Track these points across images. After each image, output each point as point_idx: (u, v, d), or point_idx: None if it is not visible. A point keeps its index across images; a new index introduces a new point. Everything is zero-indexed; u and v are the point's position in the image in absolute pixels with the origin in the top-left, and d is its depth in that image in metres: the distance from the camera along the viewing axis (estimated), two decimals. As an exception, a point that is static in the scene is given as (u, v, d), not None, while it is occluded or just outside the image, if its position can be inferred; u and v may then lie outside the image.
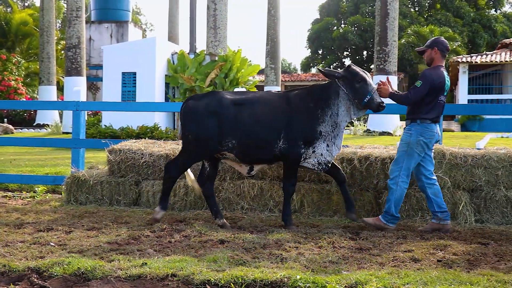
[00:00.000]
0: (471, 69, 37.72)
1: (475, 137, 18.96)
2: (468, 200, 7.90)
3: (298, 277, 4.94)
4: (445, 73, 7.33)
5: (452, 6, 54.65)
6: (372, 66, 37.49)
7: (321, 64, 60.82)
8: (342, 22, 59.33)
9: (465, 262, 5.67)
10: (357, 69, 7.45)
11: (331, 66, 59.75)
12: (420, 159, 7.31)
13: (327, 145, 7.45)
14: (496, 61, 37.04)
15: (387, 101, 7.46)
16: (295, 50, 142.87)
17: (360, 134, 24.23)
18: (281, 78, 35.34)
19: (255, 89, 24.68)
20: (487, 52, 41.05)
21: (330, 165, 7.58)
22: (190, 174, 7.91)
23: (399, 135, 23.04)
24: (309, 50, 61.04)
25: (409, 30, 49.16)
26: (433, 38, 7.57)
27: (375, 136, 23.57)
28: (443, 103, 7.38)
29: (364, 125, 25.37)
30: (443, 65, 7.42)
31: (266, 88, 31.17)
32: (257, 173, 8.64)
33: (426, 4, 57.73)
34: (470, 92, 36.87)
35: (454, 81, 39.06)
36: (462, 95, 36.47)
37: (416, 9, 57.70)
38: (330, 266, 5.49)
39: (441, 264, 5.62)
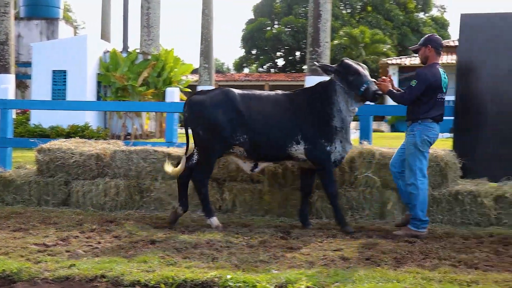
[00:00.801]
0: (401, 71, 38.43)
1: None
2: (396, 199, 8.04)
3: (229, 276, 4.95)
4: (442, 70, 7.19)
5: (382, 9, 55.63)
6: (304, 67, 37.81)
7: (254, 64, 61.11)
8: (276, 22, 59.68)
9: (393, 260, 5.77)
10: (350, 62, 7.48)
11: (264, 67, 60.10)
12: (427, 155, 7.18)
13: (340, 141, 7.46)
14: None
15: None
16: (228, 50, 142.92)
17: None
18: (215, 77, 35.23)
19: (187, 89, 24.63)
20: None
21: (342, 161, 7.67)
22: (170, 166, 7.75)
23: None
24: (243, 50, 61.17)
25: (341, 32, 49.76)
26: (427, 35, 7.49)
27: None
28: (443, 101, 7.21)
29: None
30: (439, 62, 7.30)
31: (199, 88, 31.08)
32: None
33: (358, 7, 58.61)
34: (400, 93, 37.43)
35: (385, 83, 39.60)
36: (393, 97, 36.99)
37: (348, 11, 58.51)
38: (261, 265, 5.52)
39: (369, 262, 5.71)
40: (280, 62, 61.46)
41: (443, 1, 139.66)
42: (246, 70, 61.89)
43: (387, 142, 16.58)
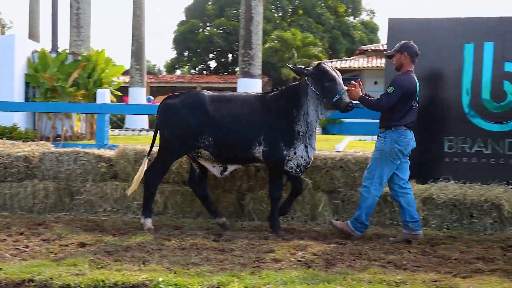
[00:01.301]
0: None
1: (335, 140, 19.53)
2: (327, 201, 8.13)
3: (160, 279, 4.94)
4: (415, 77, 7.16)
5: (313, 13, 56.21)
6: (237, 69, 37.90)
7: (186, 66, 60.91)
8: (208, 24, 59.59)
9: (324, 261, 5.84)
10: (327, 67, 7.33)
11: (197, 68, 59.95)
12: (396, 167, 7.11)
13: (305, 146, 7.40)
14: (355, 67, 38.54)
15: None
16: (160, 52, 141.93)
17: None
18: (147, 79, 34.94)
19: (118, 93, 24.37)
20: (346, 58, 42.62)
21: (308, 167, 7.59)
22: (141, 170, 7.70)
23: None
24: (175, 51, 60.88)
25: (273, 35, 50.05)
26: (402, 42, 7.31)
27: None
28: (416, 109, 7.17)
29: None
30: (413, 69, 7.20)
31: (131, 90, 30.79)
32: (121, 175, 8.54)
33: (289, 10, 59.05)
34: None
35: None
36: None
37: (280, 14, 58.87)
38: (193, 267, 5.51)
39: (301, 263, 5.77)
40: (213, 64, 61.47)
41: (373, 5, 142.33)
42: (178, 72, 61.61)
43: (318, 144, 16.75)
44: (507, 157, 8.19)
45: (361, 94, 7.22)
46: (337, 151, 8.87)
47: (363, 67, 38.34)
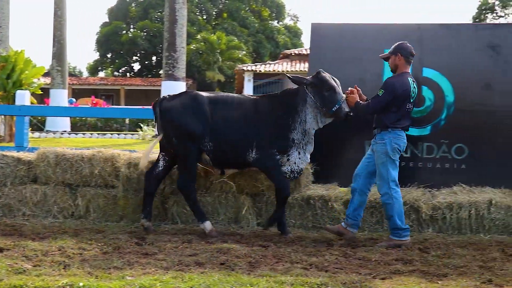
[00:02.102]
0: (255, 77, 39.18)
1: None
2: (251, 204, 8.16)
3: (81, 284, 4.86)
4: (411, 79, 7.07)
5: (238, 16, 56.47)
6: (161, 72, 37.66)
7: (109, 68, 60.21)
8: (132, 26, 59.08)
9: (247, 264, 5.85)
10: (327, 76, 7.28)
11: (120, 71, 59.33)
12: (398, 164, 7.11)
13: (299, 153, 7.36)
14: (278, 71, 38.84)
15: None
16: (82, 53, 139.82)
17: (149, 139, 24.15)
18: (68, 81, 34.33)
19: (39, 91, 23.89)
20: (270, 62, 42.98)
21: (301, 173, 7.56)
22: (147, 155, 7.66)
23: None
24: (98, 53, 60.07)
25: (198, 37, 50.02)
26: (397, 43, 7.20)
27: (163, 141, 23.50)
28: (411, 111, 7.15)
29: (153, 130, 25.34)
30: (409, 71, 7.14)
31: (53, 92, 30.17)
32: (41, 178, 8.38)
33: (214, 13, 59.13)
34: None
35: (240, 89, 40.32)
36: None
37: (204, 17, 58.89)
38: (115, 271, 5.43)
39: (224, 266, 5.76)
40: (136, 66, 60.95)
41: (296, 10, 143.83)
42: (101, 74, 60.86)
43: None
44: (425, 160, 8.41)
45: (357, 100, 7.16)
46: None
47: (287, 71, 38.68)
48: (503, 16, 63.00)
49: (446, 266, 5.93)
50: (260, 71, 38.71)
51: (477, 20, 61.48)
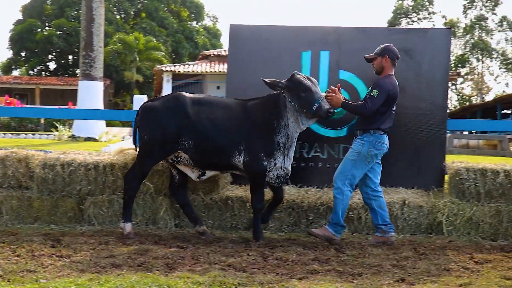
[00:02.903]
0: (174, 78, 39.06)
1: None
2: (169, 205, 8.12)
3: (-7, 288, 4.74)
4: (396, 81, 7.13)
5: (157, 16, 56.16)
6: (78, 71, 37.05)
7: (24, 67, 58.82)
8: (47, 24, 57.90)
9: (164, 266, 5.83)
10: (301, 77, 7.11)
11: (35, 69, 58.06)
12: (367, 170, 7.15)
13: (283, 157, 7.24)
14: (198, 71, 38.86)
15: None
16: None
17: (65, 139, 23.76)
18: (-20, 79, 33.45)
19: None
20: (189, 62, 42.88)
21: (287, 178, 7.43)
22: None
23: (105, 141, 22.98)
24: (11, 51, 58.60)
25: (115, 37, 49.45)
26: (383, 45, 7.26)
27: (80, 141, 23.21)
28: (394, 113, 7.20)
29: (69, 130, 24.94)
30: (393, 73, 7.19)
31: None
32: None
33: (132, 12, 58.58)
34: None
35: (159, 89, 40.09)
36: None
37: (122, 16, 58.28)
38: (28, 275, 5.32)
39: (141, 268, 5.71)
40: (52, 65, 59.79)
41: (216, 11, 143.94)
42: (15, 73, 59.37)
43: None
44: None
45: (342, 100, 7.13)
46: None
47: (206, 71, 38.73)
48: (416, 21, 64.81)
49: (361, 265, 6.06)
50: (179, 71, 38.59)
51: (392, 24, 63.00)
